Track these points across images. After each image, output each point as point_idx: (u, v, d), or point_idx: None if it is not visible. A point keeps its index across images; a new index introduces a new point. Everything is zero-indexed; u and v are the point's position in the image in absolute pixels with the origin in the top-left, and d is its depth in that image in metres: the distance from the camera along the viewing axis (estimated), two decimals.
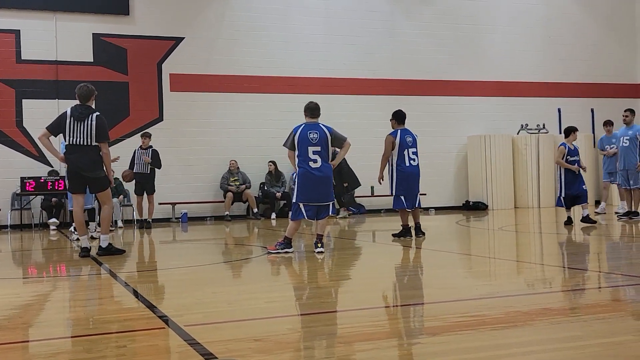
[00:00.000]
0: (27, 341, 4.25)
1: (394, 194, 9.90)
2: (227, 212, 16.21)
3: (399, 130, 9.90)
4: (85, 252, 8.60)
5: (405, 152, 9.77)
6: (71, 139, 8.52)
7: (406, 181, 9.81)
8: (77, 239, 11.01)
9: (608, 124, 14.89)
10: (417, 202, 10.03)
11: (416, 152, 9.89)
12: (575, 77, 20.02)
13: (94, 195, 11.02)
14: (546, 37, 19.89)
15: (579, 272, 6.55)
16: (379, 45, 18.30)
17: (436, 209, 18.33)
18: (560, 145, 12.02)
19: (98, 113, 8.67)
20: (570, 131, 12.17)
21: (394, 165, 9.84)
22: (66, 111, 8.65)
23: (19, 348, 4.02)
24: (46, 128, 8.69)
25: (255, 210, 16.33)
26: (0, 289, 6.40)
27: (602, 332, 3.85)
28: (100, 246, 8.77)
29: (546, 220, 14.23)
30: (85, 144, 8.51)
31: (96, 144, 8.55)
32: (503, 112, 19.28)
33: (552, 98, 19.75)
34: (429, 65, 18.67)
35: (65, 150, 8.69)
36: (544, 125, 19.16)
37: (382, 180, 9.99)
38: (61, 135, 8.85)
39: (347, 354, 3.62)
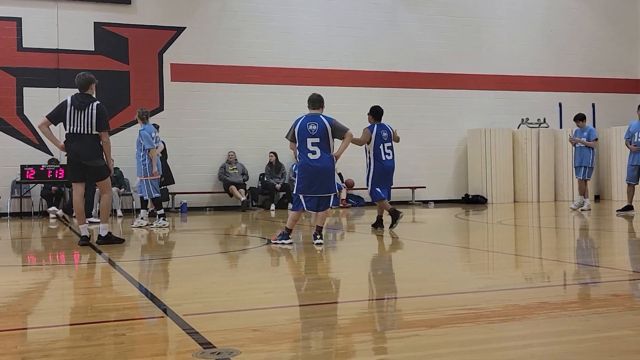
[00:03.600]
0: (26, 328, 4.26)
1: (370, 186, 10.08)
2: (243, 198, 16.25)
3: (376, 125, 10.10)
4: (85, 241, 8.60)
5: (381, 147, 9.96)
6: (71, 127, 8.49)
7: (384, 175, 10.05)
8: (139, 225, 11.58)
9: (579, 118, 14.75)
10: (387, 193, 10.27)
11: (391, 146, 10.11)
12: (576, 72, 20.00)
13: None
14: (547, 31, 19.87)
15: (577, 266, 6.57)
16: (379, 37, 18.27)
17: (435, 202, 18.34)
18: None
19: (98, 102, 8.64)
20: None
21: (371, 160, 10.01)
22: (66, 100, 8.63)
23: (17, 335, 4.03)
24: (46, 116, 8.66)
25: (243, 198, 16.30)
26: None
27: (600, 327, 3.86)
28: (99, 235, 8.78)
29: (545, 214, 14.24)
30: (85, 132, 8.49)
31: (96, 132, 8.53)
32: (503, 105, 19.27)
33: (552, 92, 19.73)
34: (429, 58, 18.64)
35: (65, 138, 8.68)
36: (544, 119, 19.15)
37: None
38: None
39: (345, 345, 3.63)
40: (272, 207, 16.60)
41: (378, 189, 10.04)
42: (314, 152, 8.26)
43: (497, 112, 19.20)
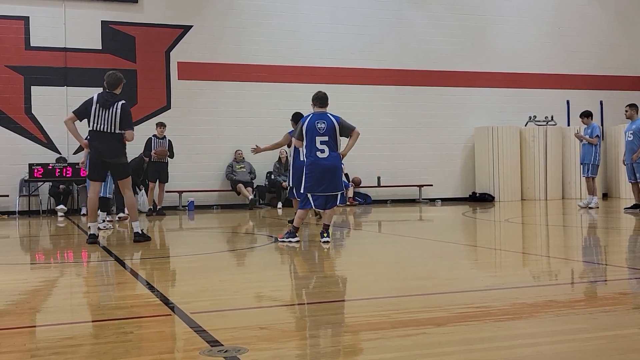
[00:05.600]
0: (35, 326, 4.28)
1: (288, 185, 11.01)
2: (250, 197, 16.26)
3: None
4: (92, 239, 8.60)
5: (300, 150, 10.27)
6: (95, 125, 8.54)
7: (301, 174, 10.65)
8: (105, 228, 11.06)
9: (584, 115, 14.83)
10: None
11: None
12: (584, 69, 19.92)
13: (104, 184, 11.09)
14: (555, 28, 19.79)
15: (585, 265, 6.55)
16: (386, 35, 18.25)
17: (442, 200, 18.32)
18: None
19: (124, 101, 8.71)
20: None
21: (291, 160, 10.76)
22: (93, 97, 8.68)
23: (26, 333, 4.05)
24: (73, 112, 8.73)
25: (250, 197, 16.32)
26: (8, 275, 6.45)
27: (608, 325, 3.85)
28: (137, 232, 8.75)
29: (553, 212, 14.21)
30: (108, 131, 8.54)
31: (119, 131, 8.57)
32: (511, 103, 19.21)
33: (560, 90, 19.67)
34: (436, 55, 18.61)
35: (88, 136, 8.73)
36: (552, 117, 19.09)
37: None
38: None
39: (352, 343, 3.63)
40: (279, 205, 16.60)
41: (290, 186, 10.85)
42: (322, 151, 8.26)
43: (504, 109, 19.15)
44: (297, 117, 10.89)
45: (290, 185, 10.97)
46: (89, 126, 8.63)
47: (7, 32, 15.55)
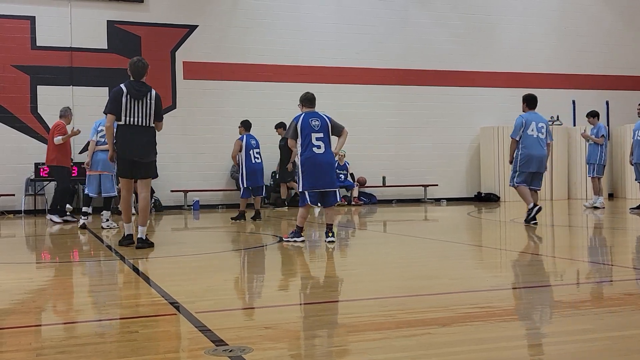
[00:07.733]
0: (40, 325, 4.29)
1: (243, 186, 12.54)
2: None
3: (245, 135, 12.62)
4: (129, 240, 8.05)
5: (250, 152, 12.44)
6: (127, 118, 7.70)
7: (253, 174, 12.48)
8: (108, 227, 11.03)
9: (590, 115, 14.83)
10: (261, 190, 12.79)
11: (259, 152, 12.59)
12: (590, 69, 19.86)
13: (109, 182, 10.98)
14: (561, 27, 19.75)
15: (590, 265, 6.53)
16: (391, 34, 18.24)
17: (447, 200, 18.31)
18: None
19: (155, 90, 8.07)
20: None
21: (243, 163, 12.42)
22: (121, 88, 7.85)
23: (32, 332, 4.06)
24: (110, 113, 7.76)
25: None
26: (13, 274, 6.46)
27: (613, 325, 3.84)
28: (140, 238, 8.03)
29: (558, 212, 14.18)
30: (144, 124, 7.76)
31: (153, 125, 7.87)
32: (516, 103, 19.04)
33: (566, 90, 19.62)
34: (441, 55, 18.58)
35: (116, 132, 7.87)
36: (557, 117, 19.04)
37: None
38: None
39: (357, 343, 3.63)
40: (284, 204, 16.60)
41: (243, 188, 12.49)
42: (318, 147, 8.33)
43: (510, 109, 19.06)
44: (245, 124, 12.77)
45: (245, 186, 12.43)
46: (119, 120, 7.80)
47: (13, 32, 15.60)
